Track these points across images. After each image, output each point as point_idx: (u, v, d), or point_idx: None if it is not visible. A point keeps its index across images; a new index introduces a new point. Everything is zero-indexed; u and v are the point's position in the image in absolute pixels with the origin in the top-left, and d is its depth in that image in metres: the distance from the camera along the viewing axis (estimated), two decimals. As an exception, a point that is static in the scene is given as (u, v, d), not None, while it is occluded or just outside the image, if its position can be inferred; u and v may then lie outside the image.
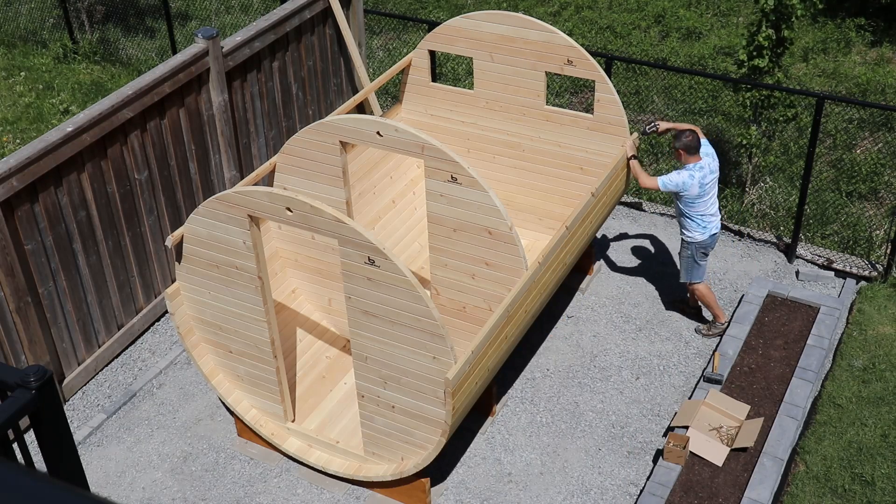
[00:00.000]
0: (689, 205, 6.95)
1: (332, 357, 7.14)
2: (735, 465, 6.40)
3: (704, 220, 7.01)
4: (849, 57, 11.29)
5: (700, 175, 6.81)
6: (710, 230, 7.04)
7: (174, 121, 7.43)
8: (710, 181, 6.88)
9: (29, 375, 3.06)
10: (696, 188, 6.82)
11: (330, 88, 9.11)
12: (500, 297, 6.32)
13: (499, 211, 6.02)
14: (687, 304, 7.80)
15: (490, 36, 7.42)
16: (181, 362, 7.54)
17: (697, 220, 7.00)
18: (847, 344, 7.38)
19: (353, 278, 5.38)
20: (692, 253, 7.17)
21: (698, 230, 7.05)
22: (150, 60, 11.81)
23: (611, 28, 12.13)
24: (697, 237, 7.08)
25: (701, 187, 6.83)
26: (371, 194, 7.78)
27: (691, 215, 7.00)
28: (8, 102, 10.99)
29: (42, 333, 6.76)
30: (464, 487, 6.44)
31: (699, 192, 6.85)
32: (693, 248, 7.15)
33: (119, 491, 6.50)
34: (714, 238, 7.13)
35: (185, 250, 6.03)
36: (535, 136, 7.70)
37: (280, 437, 6.57)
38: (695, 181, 6.80)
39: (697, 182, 6.81)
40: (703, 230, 7.04)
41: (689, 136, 6.79)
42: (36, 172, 6.34)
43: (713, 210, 7.02)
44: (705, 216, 6.99)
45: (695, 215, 6.98)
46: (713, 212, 7.02)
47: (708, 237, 7.07)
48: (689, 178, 6.81)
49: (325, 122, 6.21)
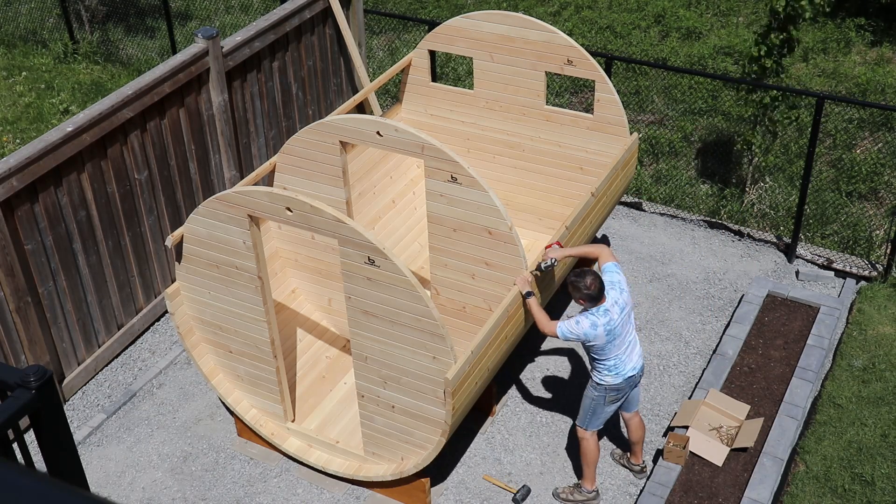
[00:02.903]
0: (598, 352, 5.73)
1: (332, 357, 7.14)
2: (735, 465, 6.40)
3: (617, 363, 5.77)
4: (849, 57, 11.29)
5: (605, 321, 5.57)
6: (624, 373, 5.79)
7: (174, 121, 7.43)
8: (619, 322, 5.65)
9: (29, 375, 3.06)
10: (603, 338, 5.61)
11: (330, 88, 9.11)
12: (500, 297, 6.32)
13: (499, 211, 6.02)
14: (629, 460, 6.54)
15: (490, 36, 7.42)
16: (181, 362, 7.54)
17: (608, 364, 5.77)
18: (847, 344, 7.39)
19: (353, 278, 5.38)
20: (600, 396, 5.89)
21: (609, 374, 5.79)
22: (150, 60, 11.81)
23: (611, 28, 12.13)
24: (607, 380, 5.81)
25: (609, 334, 5.61)
26: (371, 194, 7.78)
27: (600, 361, 5.79)
28: (8, 102, 10.99)
29: (42, 333, 6.76)
30: (464, 487, 6.45)
31: (608, 340, 5.64)
32: (602, 391, 5.86)
33: (119, 491, 6.50)
34: (630, 381, 5.85)
35: (185, 250, 6.03)
36: (535, 135, 7.70)
37: (280, 437, 6.57)
38: (599, 331, 5.58)
39: (603, 331, 5.58)
40: (616, 374, 5.78)
41: (589, 284, 5.53)
42: (36, 172, 6.34)
43: (628, 350, 5.78)
44: (618, 357, 5.75)
45: (605, 361, 5.77)
46: (628, 352, 5.78)
47: (622, 380, 5.81)
48: (591, 329, 5.57)
49: (325, 122, 6.21)
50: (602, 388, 5.84)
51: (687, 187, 9.31)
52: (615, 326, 5.63)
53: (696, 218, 8.82)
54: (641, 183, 9.36)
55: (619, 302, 5.67)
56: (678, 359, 7.40)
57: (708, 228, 8.76)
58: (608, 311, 5.61)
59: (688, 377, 7.24)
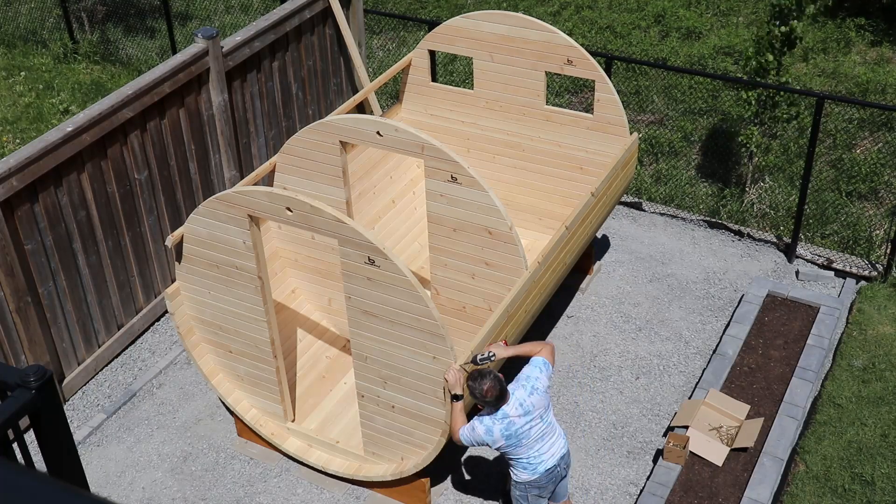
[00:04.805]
0: (505, 452, 5.35)
1: (332, 357, 7.14)
2: (735, 464, 6.40)
3: (531, 461, 5.36)
4: (849, 57, 11.29)
5: (502, 427, 5.18)
6: (540, 469, 5.38)
7: (174, 121, 7.43)
8: (522, 426, 5.22)
9: (29, 375, 3.06)
10: (502, 441, 5.22)
11: (330, 88, 9.11)
12: (500, 297, 6.32)
13: (499, 211, 6.02)
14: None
15: (490, 36, 7.42)
16: (181, 362, 7.54)
17: (521, 462, 5.38)
18: (847, 344, 7.39)
19: (353, 278, 5.39)
20: (521, 494, 5.53)
21: (524, 472, 5.41)
22: (150, 60, 11.81)
23: (611, 28, 12.14)
24: (523, 477, 5.43)
25: (508, 438, 5.21)
26: (371, 194, 7.78)
27: (511, 458, 5.40)
28: (8, 102, 10.99)
29: (42, 333, 6.76)
30: (464, 487, 6.45)
31: (509, 444, 5.25)
32: (521, 488, 5.50)
33: (119, 491, 6.50)
34: (551, 474, 5.42)
35: (185, 250, 6.03)
36: (535, 135, 7.70)
37: (280, 437, 6.57)
38: (495, 436, 5.20)
39: (500, 436, 5.19)
40: (532, 471, 5.38)
41: (486, 391, 5.13)
42: (36, 172, 6.34)
43: (543, 448, 5.36)
44: (531, 456, 5.35)
45: (516, 459, 5.38)
46: (543, 450, 5.36)
47: (539, 475, 5.40)
48: (486, 435, 5.21)
49: (325, 122, 6.21)
50: (521, 485, 5.46)
51: (687, 187, 9.31)
52: (517, 430, 5.21)
53: (696, 218, 8.82)
54: (641, 183, 9.36)
55: (525, 404, 5.21)
56: (678, 359, 7.41)
57: (708, 228, 8.76)
58: (507, 415, 5.18)
59: (688, 377, 7.24)
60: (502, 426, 5.19)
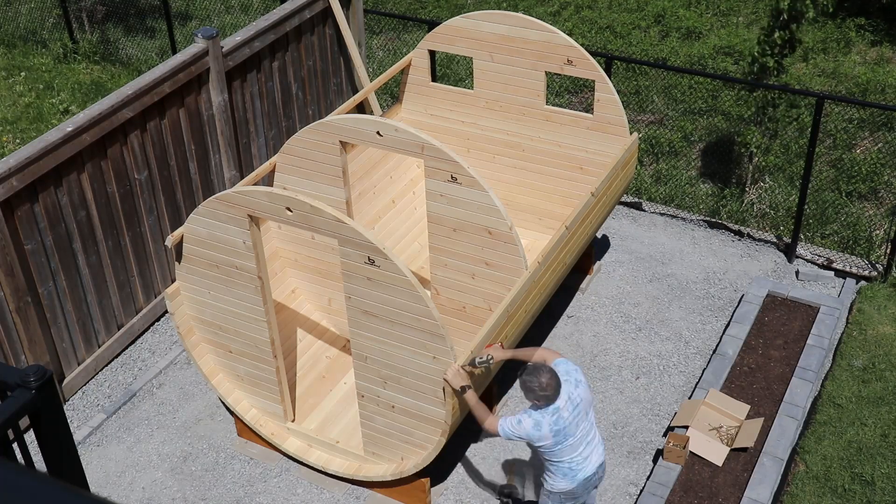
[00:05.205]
0: (547, 454, 5.15)
1: (332, 357, 7.14)
2: (735, 465, 6.40)
3: (573, 465, 5.16)
4: (849, 57, 11.29)
5: (552, 420, 4.98)
6: (579, 476, 5.18)
7: (174, 121, 7.43)
8: (571, 420, 5.04)
9: (29, 375, 3.06)
10: (549, 438, 5.01)
11: (330, 88, 9.11)
12: (500, 297, 6.32)
13: (499, 211, 6.02)
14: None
15: (490, 36, 7.42)
16: (181, 362, 7.54)
17: (561, 467, 5.18)
18: (847, 344, 7.39)
19: (353, 278, 5.39)
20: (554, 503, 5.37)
21: (562, 480, 5.20)
22: (150, 60, 11.81)
23: (611, 28, 12.14)
24: (560, 485, 5.23)
25: (557, 434, 5.01)
26: (371, 194, 7.78)
27: (552, 464, 5.20)
28: (8, 102, 10.99)
29: (42, 333, 6.76)
30: (464, 487, 6.45)
31: (556, 441, 5.04)
32: (556, 499, 5.30)
33: (119, 491, 6.50)
34: (588, 483, 5.24)
35: (185, 250, 6.03)
36: (535, 135, 7.70)
37: (280, 437, 6.57)
38: (544, 431, 4.99)
39: (548, 431, 4.99)
40: (572, 478, 5.19)
41: (545, 384, 4.93)
42: (36, 172, 6.34)
43: (585, 452, 5.17)
44: (574, 460, 5.15)
45: (556, 463, 5.17)
46: (585, 454, 5.17)
47: (577, 484, 5.21)
48: (534, 430, 4.99)
49: (325, 122, 6.21)
50: (555, 496, 5.26)
51: (687, 187, 9.31)
52: (566, 426, 5.01)
53: (696, 218, 8.82)
54: (641, 183, 9.36)
55: (574, 397, 5.04)
56: (678, 359, 7.41)
57: (708, 228, 8.76)
58: (558, 408, 4.98)
59: (688, 377, 7.24)
60: (552, 419, 4.97)
